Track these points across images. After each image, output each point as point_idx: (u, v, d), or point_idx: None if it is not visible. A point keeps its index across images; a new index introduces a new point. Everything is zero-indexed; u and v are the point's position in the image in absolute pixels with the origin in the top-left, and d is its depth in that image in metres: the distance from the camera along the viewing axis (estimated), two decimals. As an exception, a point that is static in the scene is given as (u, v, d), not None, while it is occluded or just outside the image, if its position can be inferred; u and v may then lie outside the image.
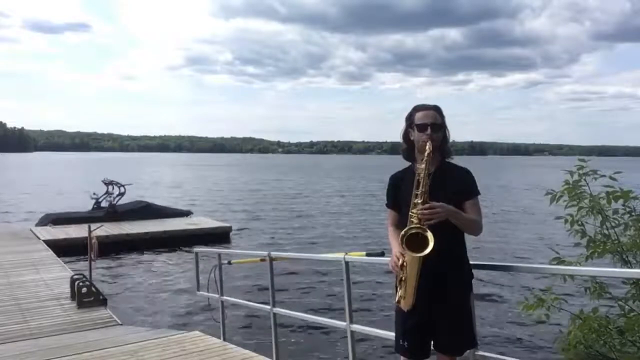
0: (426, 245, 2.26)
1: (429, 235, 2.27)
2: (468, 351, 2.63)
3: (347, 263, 3.63)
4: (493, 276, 10.41)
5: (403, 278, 2.44)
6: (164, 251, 13.91)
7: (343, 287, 3.67)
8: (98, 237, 9.40)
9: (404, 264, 2.41)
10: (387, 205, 2.74)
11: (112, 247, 13.37)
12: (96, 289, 7.29)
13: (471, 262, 2.64)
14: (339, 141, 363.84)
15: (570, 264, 3.50)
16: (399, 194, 2.62)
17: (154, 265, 12.58)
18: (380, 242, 14.97)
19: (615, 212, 3.57)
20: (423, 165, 2.40)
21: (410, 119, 2.59)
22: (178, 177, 55.23)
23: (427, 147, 2.43)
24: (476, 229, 2.50)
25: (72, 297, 7.29)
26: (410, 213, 2.38)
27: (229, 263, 6.28)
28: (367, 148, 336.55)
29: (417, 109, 2.59)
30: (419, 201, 2.35)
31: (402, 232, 2.33)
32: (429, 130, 2.49)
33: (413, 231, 2.31)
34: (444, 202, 2.36)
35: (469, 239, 2.60)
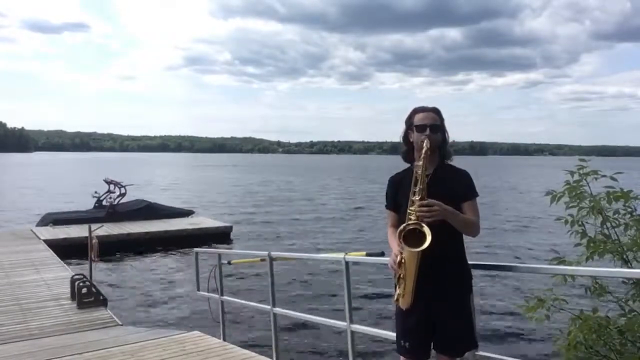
0: (424, 240, 2.26)
1: (426, 229, 2.27)
2: (468, 352, 2.63)
3: (347, 263, 3.64)
4: (493, 276, 10.41)
5: (402, 275, 2.44)
6: (165, 251, 13.91)
7: (343, 287, 3.67)
8: (98, 237, 9.40)
9: (402, 260, 2.41)
10: (387, 207, 2.74)
11: (113, 247, 13.37)
12: (96, 289, 7.28)
13: (471, 262, 2.64)
14: (339, 141, 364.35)
15: (570, 264, 3.50)
16: (399, 196, 2.62)
17: (154, 265, 12.58)
18: (380, 242, 14.97)
19: (616, 212, 3.57)
20: (421, 163, 2.42)
21: (409, 120, 2.62)
22: (178, 177, 55.22)
23: (424, 145, 2.45)
24: (473, 230, 2.50)
25: (73, 297, 7.28)
26: (408, 211, 2.38)
27: (229, 263, 6.28)
28: (367, 148, 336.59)
29: (416, 110, 2.61)
30: (417, 198, 2.37)
31: (400, 228, 2.34)
32: (427, 131, 2.52)
33: (411, 227, 2.31)
34: (442, 203, 2.37)
35: (471, 240, 2.60)
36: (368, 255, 4.70)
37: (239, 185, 43.28)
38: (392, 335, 2.79)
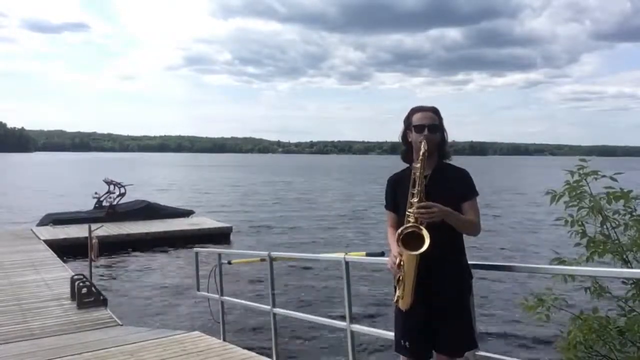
0: (422, 242, 2.26)
1: (425, 232, 2.27)
2: (468, 352, 2.63)
3: (347, 263, 3.64)
4: (493, 276, 10.41)
5: (401, 277, 2.44)
6: (164, 251, 13.91)
7: (343, 287, 3.67)
8: (98, 237, 9.40)
9: (402, 263, 2.41)
10: (386, 207, 2.74)
11: (113, 247, 13.38)
12: (96, 289, 7.29)
13: (471, 262, 2.64)
14: (339, 141, 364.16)
15: (570, 264, 3.50)
16: (398, 196, 2.61)
17: (154, 265, 12.58)
18: (380, 242, 14.97)
19: (616, 212, 3.57)
20: (419, 165, 2.41)
21: (408, 120, 2.61)
22: (178, 177, 55.22)
23: (421, 147, 2.44)
24: (474, 229, 2.50)
25: (73, 297, 7.29)
26: (407, 212, 2.38)
27: (229, 263, 6.28)
28: (367, 148, 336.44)
29: (414, 110, 2.60)
30: (415, 200, 2.36)
31: (399, 231, 2.34)
32: (426, 131, 2.51)
33: (409, 230, 2.31)
34: (442, 203, 2.36)
35: (472, 240, 2.60)
36: (368, 255, 4.72)
37: (239, 186, 43.28)
38: (392, 335, 2.79)
